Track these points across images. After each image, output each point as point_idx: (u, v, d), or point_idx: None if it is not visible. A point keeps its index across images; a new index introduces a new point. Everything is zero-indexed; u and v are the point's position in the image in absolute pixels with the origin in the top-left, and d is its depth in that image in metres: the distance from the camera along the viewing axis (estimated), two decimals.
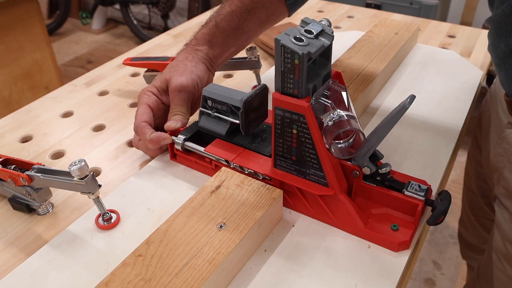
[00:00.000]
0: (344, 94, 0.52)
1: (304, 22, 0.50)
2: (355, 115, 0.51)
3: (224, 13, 0.69)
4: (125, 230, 0.55)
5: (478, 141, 0.90)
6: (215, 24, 0.69)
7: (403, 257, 0.51)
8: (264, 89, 0.59)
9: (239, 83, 0.88)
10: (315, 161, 0.52)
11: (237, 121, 0.59)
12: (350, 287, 0.48)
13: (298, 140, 0.52)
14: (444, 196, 0.52)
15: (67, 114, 0.80)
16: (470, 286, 0.93)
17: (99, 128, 0.76)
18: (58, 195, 0.61)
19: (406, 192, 0.52)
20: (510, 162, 0.70)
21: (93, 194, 0.52)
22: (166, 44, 1.04)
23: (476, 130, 0.92)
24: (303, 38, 0.47)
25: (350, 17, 1.17)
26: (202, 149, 0.61)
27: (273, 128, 0.53)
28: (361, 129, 0.50)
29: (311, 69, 0.50)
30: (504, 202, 0.72)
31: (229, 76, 0.90)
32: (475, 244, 1.06)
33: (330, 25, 0.51)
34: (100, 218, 0.56)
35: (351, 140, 0.53)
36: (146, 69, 0.83)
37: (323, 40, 0.48)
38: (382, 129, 0.49)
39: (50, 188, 0.58)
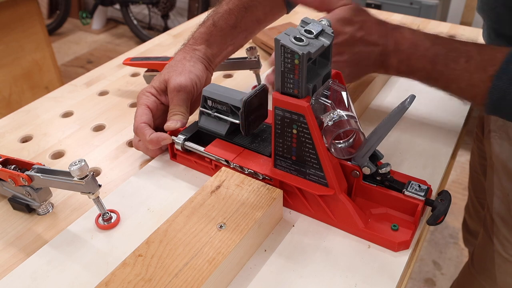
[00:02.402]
0: (344, 94, 0.52)
1: (304, 22, 0.50)
2: (355, 115, 0.51)
3: (221, 12, 0.69)
4: (125, 230, 0.55)
5: (482, 119, 0.91)
6: (213, 23, 0.69)
7: (403, 257, 0.51)
8: (263, 89, 0.59)
9: (239, 83, 0.88)
10: (315, 161, 0.52)
11: (237, 121, 0.59)
12: (350, 287, 0.48)
13: (298, 140, 0.52)
14: (444, 196, 0.52)
15: (67, 114, 0.80)
16: (465, 269, 0.95)
17: (99, 128, 0.76)
18: (58, 195, 0.61)
19: (406, 192, 0.52)
20: (501, 137, 0.72)
21: (93, 194, 0.52)
22: (166, 44, 1.04)
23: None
24: (303, 38, 0.47)
25: None
26: (202, 149, 0.61)
27: (273, 128, 0.53)
28: (361, 129, 0.50)
29: (311, 69, 0.50)
30: (491, 177, 0.74)
31: (229, 76, 0.90)
32: (476, 230, 1.07)
33: (330, 25, 0.51)
34: (100, 218, 0.56)
35: (351, 140, 0.53)
36: (146, 69, 0.83)
37: (323, 40, 0.48)
38: (382, 129, 0.49)
39: (50, 188, 0.58)
